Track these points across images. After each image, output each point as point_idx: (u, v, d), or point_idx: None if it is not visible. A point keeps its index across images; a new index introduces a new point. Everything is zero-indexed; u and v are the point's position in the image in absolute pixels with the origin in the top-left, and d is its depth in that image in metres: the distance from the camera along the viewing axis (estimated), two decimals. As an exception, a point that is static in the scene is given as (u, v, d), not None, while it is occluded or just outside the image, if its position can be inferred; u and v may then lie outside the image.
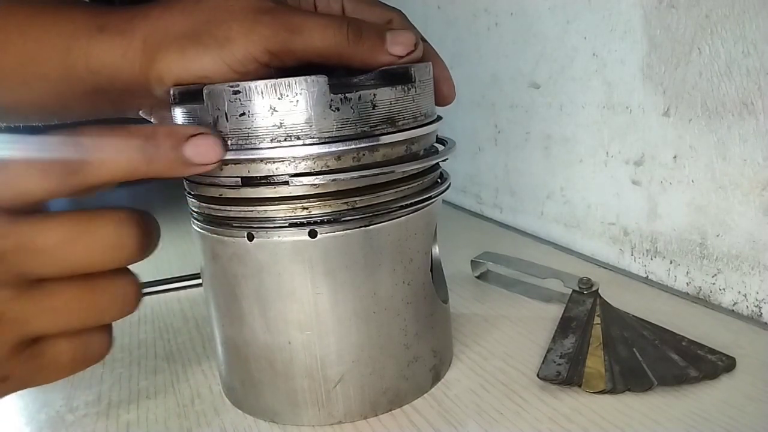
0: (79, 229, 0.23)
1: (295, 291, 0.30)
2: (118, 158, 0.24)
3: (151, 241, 0.25)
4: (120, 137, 0.24)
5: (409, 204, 0.31)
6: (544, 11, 0.53)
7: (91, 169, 0.23)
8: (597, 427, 0.30)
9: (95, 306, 0.25)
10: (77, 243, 0.23)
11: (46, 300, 0.24)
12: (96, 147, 0.23)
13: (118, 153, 0.24)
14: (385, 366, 0.32)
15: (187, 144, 0.25)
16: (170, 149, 0.25)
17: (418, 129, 0.31)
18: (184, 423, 0.34)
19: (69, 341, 0.25)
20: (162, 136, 0.25)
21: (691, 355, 0.34)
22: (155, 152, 0.24)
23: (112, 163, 0.24)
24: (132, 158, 0.24)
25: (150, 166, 0.24)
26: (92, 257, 0.24)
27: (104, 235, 0.24)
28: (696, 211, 0.43)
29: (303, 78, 0.27)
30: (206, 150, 0.26)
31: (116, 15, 0.33)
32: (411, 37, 0.31)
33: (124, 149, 0.24)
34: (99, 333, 0.26)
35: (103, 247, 0.24)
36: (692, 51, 0.41)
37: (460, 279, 0.49)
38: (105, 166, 0.24)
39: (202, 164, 0.26)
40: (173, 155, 0.25)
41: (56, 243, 0.23)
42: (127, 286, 0.25)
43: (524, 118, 0.59)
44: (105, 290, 0.25)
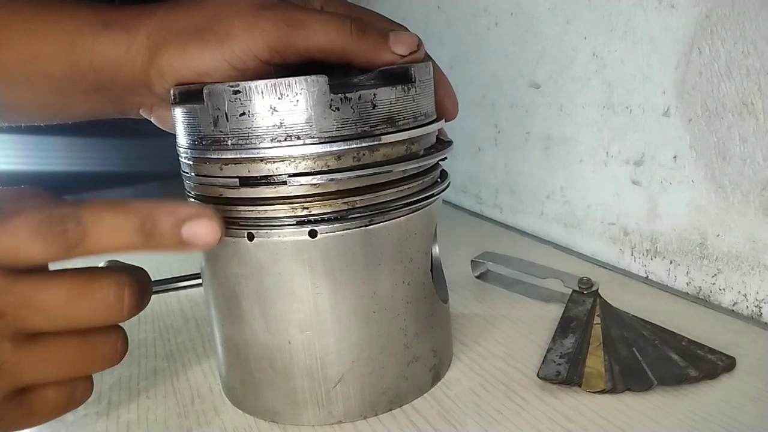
0: (80, 290, 0.25)
1: (295, 291, 0.30)
2: (116, 236, 0.25)
3: (145, 300, 0.27)
4: (120, 215, 0.25)
5: (409, 204, 0.31)
6: (544, 11, 0.53)
7: (90, 244, 0.24)
8: (597, 426, 0.30)
9: (87, 359, 0.27)
10: (77, 303, 0.25)
11: (41, 353, 0.25)
12: (96, 222, 0.24)
13: (117, 231, 0.25)
14: (385, 366, 0.32)
15: (186, 225, 0.25)
16: (168, 230, 0.25)
17: (418, 129, 0.31)
18: (184, 423, 0.34)
19: (56, 389, 0.27)
20: (161, 216, 0.25)
21: (691, 355, 0.34)
22: (153, 231, 0.25)
23: (110, 240, 0.25)
24: (130, 236, 0.25)
25: (147, 243, 0.25)
26: (90, 316, 0.25)
27: (103, 296, 0.25)
28: (696, 211, 0.43)
29: (303, 78, 0.27)
30: (205, 233, 0.26)
31: (122, 12, 0.33)
32: (413, 38, 0.31)
33: (123, 228, 0.25)
34: (83, 381, 0.28)
35: (101, 308, 0.25)
36: (692, 51, 0.41)
37: (460, 279, 0.49)
38: (103, 243, 0.24)
39: (197, 245, 0.26)
40: (171, 236, 0.25)
41: (56, 302, 0.25)
42: (118, 340, 0.27)
43: (524, 118, 0.59)
44: (97, 344, 0.27)
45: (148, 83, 0.32)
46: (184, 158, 0.32)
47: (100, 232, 0.24)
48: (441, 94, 0.34)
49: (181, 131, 0.31)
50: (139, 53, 0.32)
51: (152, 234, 0.25)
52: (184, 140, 0.31)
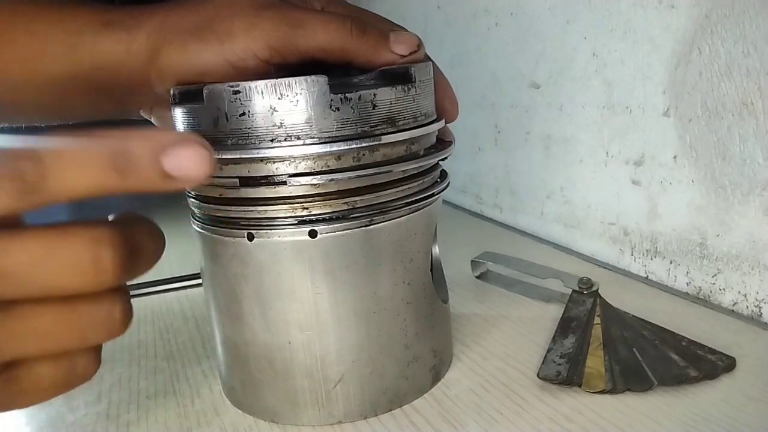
0: (48, 248, 0.20)
1: (295, 291, 0.30)
2: (82, 172, 0.20)
3: (139, 260, 0.22)
4: (85, 146, 0.20)
5: (409, 204, 0.31)
6: (544, 11, 0.53)
7: (51, 186, 0.20)
8: (597, 427, 0.30)
9: (76, 329, 0.22)
10: (46, 264, 0.20)
11: (18, 324, 0.21)
12: (57, 159, 0.20)
13: (83, 168, 0.20)
14: (385, 366, 0.32)
15: (168, 154, 0.20)
16: (146, 160, 0.20)
17: (418, 129, 0.31)
18: (184, 423, 0.34)
19: (51, 364, 0.23)
20: (136, 145, 0.20)
21: (691, 355, 0.34)
22: (127, 164, 0.20)
23: (75, 179, 0.20)
24: (99, 173, 0.20)
25: (122, 182, 0.20)
26: (64, 279, 0.21)
27: (77, 255, 0.21)
28: (696, 211, 0.43)
29: (303, 78, 0.27)
30: (191, 162, 0.21)
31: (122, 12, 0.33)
32: (414, 38, 0.31)
33: (90, 162, 0.20)
34: (84, 355, 0.24)
35: (73, 272, 0.21)
36: (692, 51, 0.41)
37: (460, 279, 0.49)
38: (67, 182, 0.20)
39: (186, 179, 0.21)
40: (150, 168, 0.20)
41: (22, 264, 0.20)
42: (113, 308, 0.23)
43: (524, 118, 0.59)
44: (87, 313, 0.22)
45: (149, 83, 0.32)
46: (184, 158, 0.32)
47: (63, 171, 0.20)
48: (441, 95, 0.34)
49: (181, 131, 0.31)
50: (140, 53, 0.32)
51: (126, 169, 0.20)
52: None
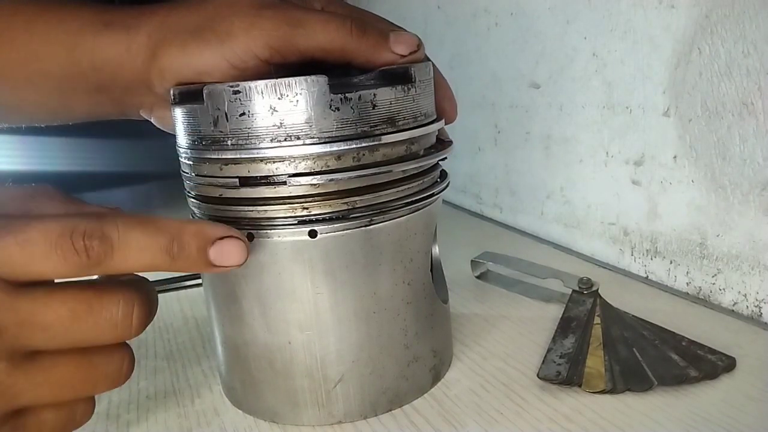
0: (85, 307, 0.23)
1: (295, 291, 0.30)
2: (142, 256, 0.23)
3: (152, 315, 0.25)
4: (148, 234, 0.23)
5: (409, 203, 0.31)
6: (544, 11, 0.53)
7: (113, 264, 0.23)
8: (597, 427, 0.30)
9: (89, 379, 0.25)
10: (82, 321, 0.23)
11: (40, 374, 0.24)
12: (123, 242, 0.23)
13: (143, 251, 0.23)
14: (385, 366, 0.32)
15: (214, 246, 0.25)
16: (195, 251, 0.24)
17: (418, 129, 0.31)
18: (184, 423, 0.34)
19: (54, 412, 0.25)
20: (189, 237, 0.24)
21: (691, 355, 0.34)
22: (180, 252, 0.24)
23: (134, 260, 0.23)
24: (156, 257, 0.24)
25: (172, 265, 0.24)
26: (95, 335, 0.24)
27: (111, 314, 0.24)
28: (696, 211, 0.43)
29: (303, 78, 0.27)
30: (232, 254, 0.25)
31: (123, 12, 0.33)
32: (414, 38, 0.31)
33: (150, 248, 0.23)
34: (84, 402, 0.26)
35: (108, 326, 0.24)
36: (692, 51, 0.41)
37: (460, 279, 0.49)
38: (127, 263, 0.23)
39: (225, 266, 0.25)
40: (198, 257, 0.25)
41: (60, 320, 0.23)
42: (123, 360, 0.25)
43: (524, 118, 0.59)
44: (101, 365, 0.25)
45: (149, 83, 0.32)
46: (184, 158, 0.32)
47: (126, 252, 0.23)
48: (440, 96, 0.34)
49: (181, 131, 0.31)
50: (140, 52, 0.32)
51: (179, 255, 0.24)
52: (184, 140, 0.31)
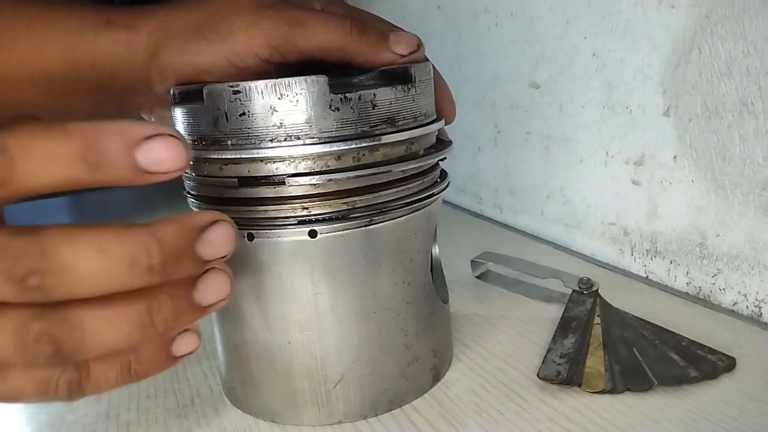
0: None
1: (295, 291, 0.30)
2: (52, 166, 0.19)
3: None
4: (56, 140, 0.19)
5: (409, 203, 0.31)
6: (544, 11, 0.53)
7: (20, 180, 0.19)
8: (597, 426, 0.30)
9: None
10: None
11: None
12: (24, 151, 0.19)
13: (53, 161, 0.19)
14: (385, 366, 0.32)
15: (141, 148, 0.19)
16: (119, 154, 0.19)
17: (418, 129, 0.31)
18: (184, 423, 0.34)
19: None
20: (108, 138, 0.19)
21: (691, 355, 0.34)
22: (99, 158, 0.19)
23: (45, 173, 0.19)
24: (71, 167, 0.19)
25: (94, 175, 0.19)
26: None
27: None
28: (696, 211, 0.43)
29: (303, 78, 0.27)
30: (166, 155, 0.20)
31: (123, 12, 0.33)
32: (414, 38, 0.31)
33: (61, 156, 0.19)
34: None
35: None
36: (692, 51, 0.41)
37: (460, 279, 0.49)
38: (36, 176, 0.19)
39: (161, 173, 0.20)
40: (123, 162, 0.19)
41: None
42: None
43: (524, 118, 0.59)
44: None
45: (149, 81, 0.32)
46: (184, 158, 0.32)
47: (32, 164, 0.19)
48: (439, 97, 0.34)
49: (181, 131, 0.31)
50: (140, 51, 0.32)
51: (99, 163, 0.19)
52: None
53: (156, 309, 0.21)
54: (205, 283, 0.22)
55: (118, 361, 0.22)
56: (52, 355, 0.19)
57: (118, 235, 0.19)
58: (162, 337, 0.23)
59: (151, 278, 0.20)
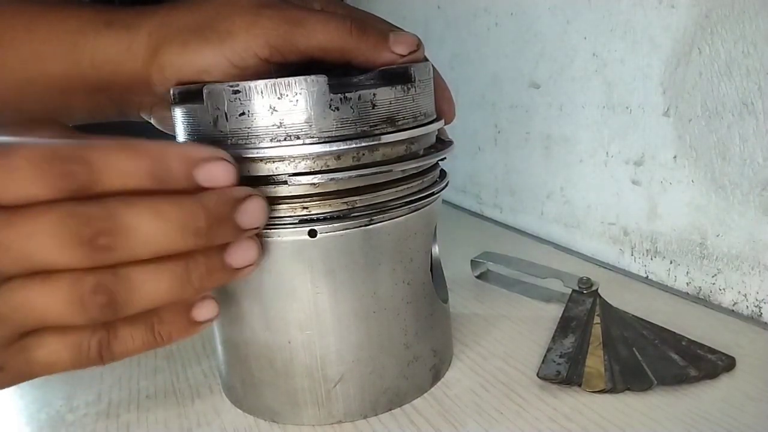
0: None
1: (295, 290, 0.30)
2: (124, 180, 0.22)
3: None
4: (129, 158, 0.22)
5: (409, 203, 0.31)
6: (544, 11, 0.53)
7: (96, 189, 0.22)
8: (597, 426, 0.30)
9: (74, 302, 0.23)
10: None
11: (36, 296, 0.22)
12: (105, 166, 0.22)
13: (126, 176, 0.22)
14: (385, 365, 0.32)
15: (201, 168, 0.24)
16: (182, 174, 0.23)
17: (418, 129, 0.31)
18: (184, 422, 0.34)
19: (60, 336, 0.24)
20: (173, 159, 0.23)
21: (691, 354, 0.34)
22: (165, 174, 0.23)
23: (117, 185, 0.22)
24: (139, 180, 0.22)
25: (158, 188, 0.23)
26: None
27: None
28: (696, 211, 0.43)
29: (303, 78, 0.27)
30: (220, 175, 0.24)
31: (124, 12, 0.33)
32: (413, 38, 0.31)
33: (134, 173, 0.22)
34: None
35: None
36: (692, 51, 0.41)
37: (460, 279, 0.49)
38: (111, 188, 0.22)
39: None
40: (184, 179, 0.23)
41: (19, 238, 0.21)
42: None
43: (524, 118, 0.59)
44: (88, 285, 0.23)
45: (149, 81, 0.32)
46: (184, 158, 0.32)
47: (108, 177, 0.22)
48: (439, 97, 0.34)
49: (181, 131, 0.31)
50: (140, 51, 0.32)
51: (164, 179, 0.23)
52: (184, 140, 0.31)
53: (193, 266, 0.24)
54: (235, 247, 0.25)
55: (143, 323, 0.25)
56: (106, 304, 0.22)
57: (172, 201, 0.23)
58: (186, 303, 0.26)
59: (197, 240, 0.23)
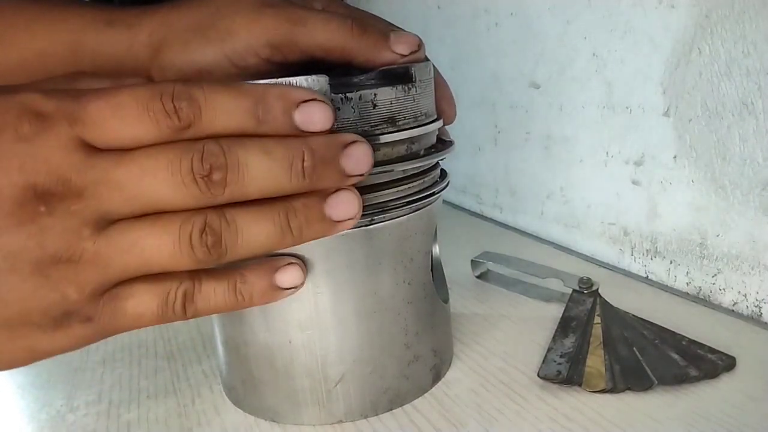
0: (152, 162, 0.22)
1: (295, 290, 0.30)
2: (228, 119, 0.22)
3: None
4: (232, 96, 0.22)
5: (410, 203, 0.31)
6: (544, 11, 0.53)
7: (202, 126, 0.22)
8: (597, 426, 0.30)
9: (177, 250, 0.23)
10: (151, 176, 0.22)
11: (124, 240, 0.22)
12: (209, 104, 0.22)
13: (230, 113, 0.22)
14: (386, 365, 0.32)
15: (299, 109, 0.23)
16: (281, 114, 0.23)
17: (419, 128, 0.31)
18: (184, 423, 0.34)
19: (148, 286, 0.24)
20: (274, 99, 0.23)
21: (691, 354, 0.34)
22: (266, 116, 0.23)
23: (222, 123, 0.22)
24: (242, 120, 0.23)
25: (259, 128, 0.23)
26: (167, 192, 0.22)
27: (185, 166, 0.22)
28: (696, 211, 0.43)
29: (303, 77, 0.27)
30: (319, 116, 0.24)
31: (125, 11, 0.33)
32: (414, 38, 0.31)
33: (236, 110, 0.22)
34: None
35: (178, 183, 0.22)
36: (692, 51, 0.41)
37: (460, 279, 0.49)
38: (215, 125, 0.22)
39: (311, 131, 0.24)
40: (284, 120, 0.23)
41: (130, 177, 0.22)
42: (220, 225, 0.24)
43: (524, 118, 0.59)
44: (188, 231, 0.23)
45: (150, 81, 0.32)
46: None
47: (213, 114, 0.22)
48: (439, 97, 0.34)
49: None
50: (141, 50, 0.32)
51: (265, 118, 0.23)
52: None
53: (293, 214, 0.24)
54: (335, 198, 0.25)
55: (226, 280, 0.25)
56: (213, 245, 0.23)
57: (280, 141, 0.23)
58: (272, 266, 0.26)
59: (303, 181, 0.23)
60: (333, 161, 0.24)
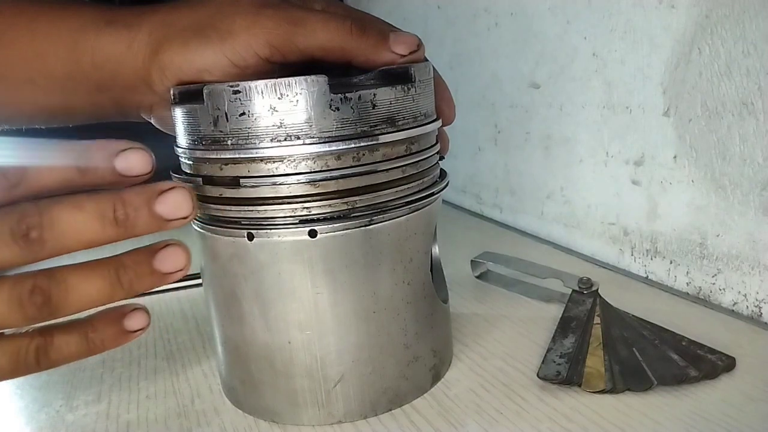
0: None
1: (295, 291, 0.30)
2: (84, 231, 0.24)
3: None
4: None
5: (409, 203, 0.31)
6: (544, 11, 0.53)
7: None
8: (597, 426, 0.30)
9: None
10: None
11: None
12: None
13: (51, 172, 0.24)
14: (385, 366, 0.32)
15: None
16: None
17: (418, 128, 0.31)
18: (184, 423, 0.34)
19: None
20: (95, 152, 0.24)
21: (690, 354, 0.34)
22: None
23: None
24: (65, 175, 0.24)
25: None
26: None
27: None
28: (696, 211, 0.43)
29: (303, 78, 0.27)
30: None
31: (125, 11, 0.33)
32: (414, 38, 0.31)
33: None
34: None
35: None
36: (692, 51, 0.41)
37: (460, 279, 0.49)
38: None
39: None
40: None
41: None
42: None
43: (524, 118, 0.59)
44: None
45: (149, 80, 0.32)
46: (184, 158, 0.32)
47: (39, 175, 0.24)
48: (438, 97, 0.34)
49: (181, 131, 0.31)
50: (141, 50, 0.32)
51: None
52: (184, 140, 0.31)
53: (122, 270, 0.25)
54: (162, 252, 0.26)
55: (77, 331, 0.26)
56: (43, 304, 0.24)
57: (91, 194, 0.25)
58: (119, 313, 0.27)
59: (117, 229, 0.25)
60: (146, 208, 0.25)
